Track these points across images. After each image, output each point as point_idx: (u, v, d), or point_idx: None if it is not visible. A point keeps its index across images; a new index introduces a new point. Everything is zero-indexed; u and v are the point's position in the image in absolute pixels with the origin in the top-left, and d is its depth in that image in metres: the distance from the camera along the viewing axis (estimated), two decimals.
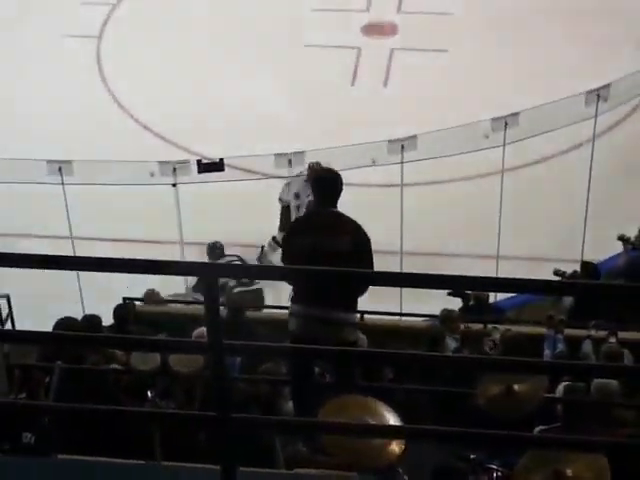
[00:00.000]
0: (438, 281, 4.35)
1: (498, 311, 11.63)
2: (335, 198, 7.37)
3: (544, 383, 7.04)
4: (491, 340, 9.88)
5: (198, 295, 11.45)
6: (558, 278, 11.31)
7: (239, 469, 4.38)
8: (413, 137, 12.01)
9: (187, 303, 11.83)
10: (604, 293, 5.68)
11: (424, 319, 11.17)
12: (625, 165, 14.38)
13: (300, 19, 17.12)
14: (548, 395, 7.62)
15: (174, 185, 11.71)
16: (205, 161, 11.83)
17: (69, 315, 9.38)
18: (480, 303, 11.30)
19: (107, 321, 10.12)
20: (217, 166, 11.73)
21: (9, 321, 10.95)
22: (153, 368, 8.69)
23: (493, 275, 10.75)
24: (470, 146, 12.18)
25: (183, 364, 8.64)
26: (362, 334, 8.19)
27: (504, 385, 6.38)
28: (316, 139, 12.58)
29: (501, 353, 9.41)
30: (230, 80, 15.77)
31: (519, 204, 12.77)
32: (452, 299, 10.77)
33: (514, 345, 9.67)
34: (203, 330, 8.09)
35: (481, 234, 12.46)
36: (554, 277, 11.30)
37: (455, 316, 10.08)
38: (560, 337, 10.00)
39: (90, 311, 10.58)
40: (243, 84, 15.70)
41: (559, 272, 11.59)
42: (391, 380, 9.01)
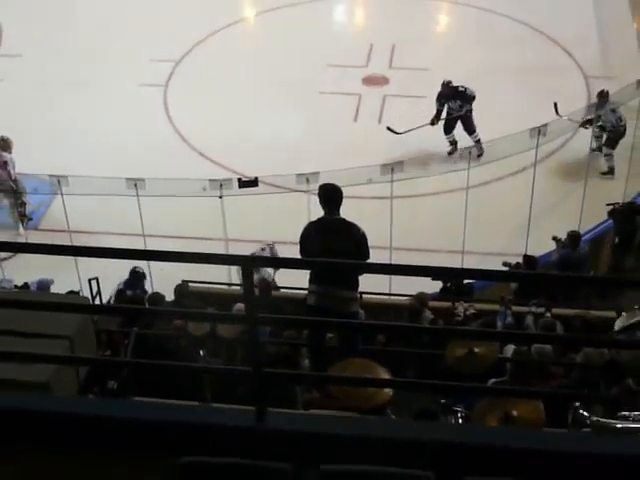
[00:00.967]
0: (419, 270, 4.38)
1: (471, 290, 11.57)
2: (338, 206, 7.39)
3: (497, 347, 7.07)
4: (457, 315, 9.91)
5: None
6: (506, 268, 11.32)
7: (268, 410, 4.41)
8: (400, 162, 12.04)
9: (229, 285, 11.83)
10: (541, 280, 5.70)
11: (407, 298, 11.17)
12: (558, 183, 14.37)
13: (316, 72, 17.11)
14: (500, 356, 7.63)
15: (220, 197, 11.70)
16: (244, 179, 11.83)
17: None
18: (456, 284, 11.27)
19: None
20: (253, 183, 11.73)
21: (98, 297, 10.99)
22: (205, 333, 8.73)
23: (459, 266, 10.73)
24: (443, 169, 12.18)
25: (227, 331, 8.68)
26: (361, 309, 8.22)
27: (467, 348, 6.41)
28: (327, 162, 12.56)
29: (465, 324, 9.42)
30: (263, 118, 15.75)
31: (479, 212, 12.74)
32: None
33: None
34: (241, 305, 8.12)
35: (451, 234, 12.43)
36: (503, 267, 11.31)
37: (425, 297, 10.00)
38: (509, 312, 10.00)
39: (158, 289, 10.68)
40: (274, 121, 15.68)
41: (507, 263, 11.59)
42: (383, 344, 9.02)
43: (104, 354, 7.96)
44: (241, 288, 4.31)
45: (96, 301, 10.76)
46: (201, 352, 8.33)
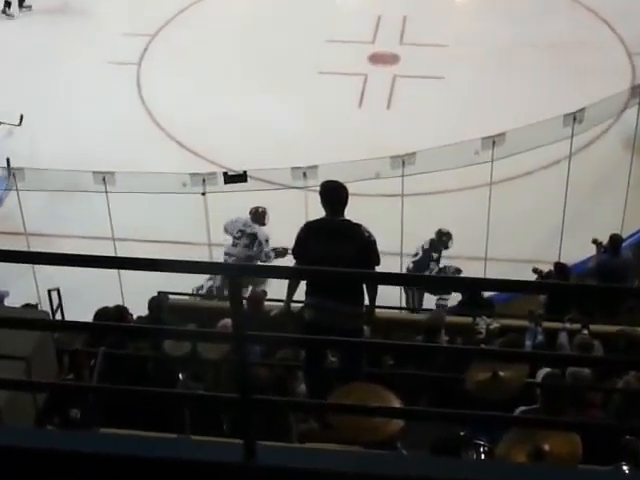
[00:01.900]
0: (433, 282, 4.37)
1: (491, 304, 11.55)
2: (342, 207, 7.37)
3: (525, 370, 7.05)
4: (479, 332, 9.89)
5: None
6: (536, 276, 11.31)
7: (258, 443, 4.40)
8: (412, 154, 12.04)
9: (219, 299, 11.82)
10: (576, 291, 5.68)
11: (421, 313, 11.17)
12: (597, 179, 14.37)
13: (315, 49, 17.13)
14: (529, 380, 7.62)
15: (203, 194, 11.72)
16: (231, 173, 11.85)
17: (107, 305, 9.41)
18: (476, 297, 11.24)
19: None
20: (241, 178, 11.75)
21: (59, 311, 10.96)
22: (185, 354, 8.71)
23: (481, 275, 10.75)
24: (462, 162, 12.18)
25: (211, 351, 8.66)
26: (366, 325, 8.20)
27: (490, 371, 6.40)
28: (328, 154, 12.58)
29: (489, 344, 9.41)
30: (254, 103, 15.78)
31: (505, 212, 12.75)
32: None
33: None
34: (227, 321, 8.11)
35: (471, 238, 12.44)
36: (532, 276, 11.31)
37: (441, 318, 9.92)
38: (539, 329, 9.98)
39: (128, 302, 10.63)
40: (266, 106, 15.71)
41: (537, 270, 11.59)
42: (391, 366, 9.01)
43: (66, 378, 7.95)
44: (227, 301, 4.31)
45: (57, 316, 10.74)
46: (180, 376, 8.31)
